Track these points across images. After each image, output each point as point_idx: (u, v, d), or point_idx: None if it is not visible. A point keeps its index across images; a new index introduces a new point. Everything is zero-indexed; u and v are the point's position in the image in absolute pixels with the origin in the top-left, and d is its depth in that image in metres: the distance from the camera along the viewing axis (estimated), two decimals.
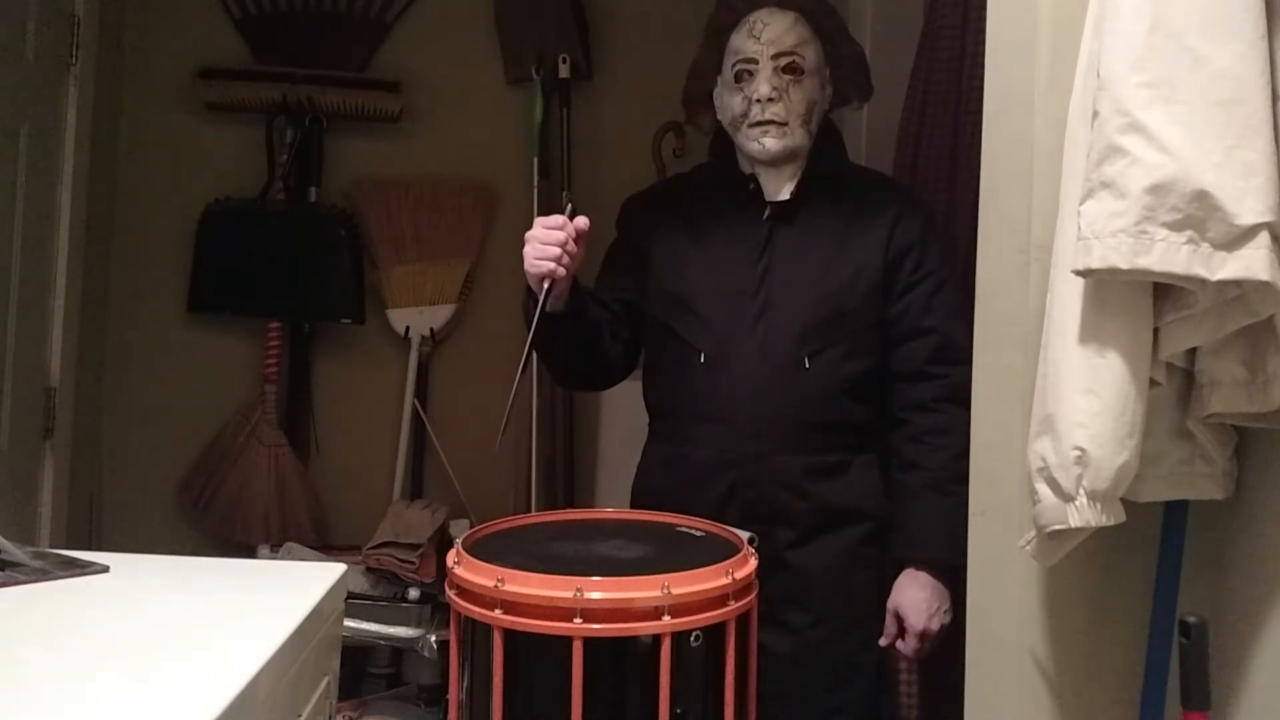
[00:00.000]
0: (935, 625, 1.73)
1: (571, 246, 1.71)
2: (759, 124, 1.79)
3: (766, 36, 1.80)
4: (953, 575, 1.69)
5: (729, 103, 1.83)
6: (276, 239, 2.89)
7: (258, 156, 2.94)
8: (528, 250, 1.71)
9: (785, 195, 1.82)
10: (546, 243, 1.69)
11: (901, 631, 1.75)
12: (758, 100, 1.78)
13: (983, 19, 1.50)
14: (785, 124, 1.79)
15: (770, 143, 1.79)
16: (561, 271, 1.69)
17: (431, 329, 2.99)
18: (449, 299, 2.99)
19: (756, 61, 1.79)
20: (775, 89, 1.78)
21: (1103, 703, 1.33)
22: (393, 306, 2.98)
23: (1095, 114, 1.12)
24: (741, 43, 1.82)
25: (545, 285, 1.68)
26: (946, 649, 1.72)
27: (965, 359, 1.63)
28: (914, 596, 1.73)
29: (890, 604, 1.76)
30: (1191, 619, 1.12)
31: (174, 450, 2.95)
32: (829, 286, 1.78)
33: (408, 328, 2.98)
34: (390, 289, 2.98)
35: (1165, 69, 1.08)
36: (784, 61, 1.79)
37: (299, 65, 2.94)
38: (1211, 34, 1.07)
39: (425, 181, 3.00)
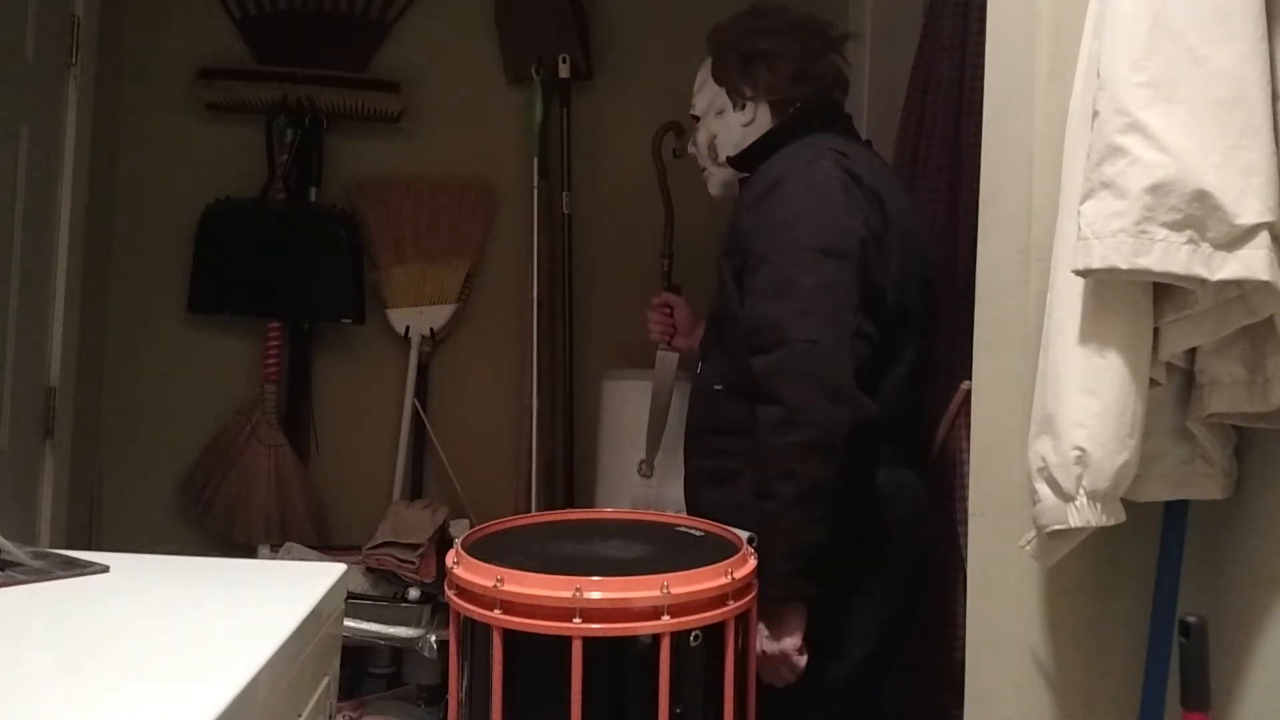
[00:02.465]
0: (757, 647, 1.55)
1: (656, 316, 2.27)
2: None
3: None
4: (776, 602, 1.55)
5: None
6: (276, 239, 2.89)
7: (258, 156, 2.94)
8: None
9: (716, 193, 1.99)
10: (649, 319, 2.29)
11: None
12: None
13: (983, 19, 1.50)
14: (704, 169, 1.97)
15: (709, 188, 1.98)
16: (654, 336, 2.28)
17: (431, 329, 2.98)
18: (449, 299, 2.99)
19: None
20: (692, 142, 2.00)
21: (1103, 703, 1.33)
22: (393, 306, 2.98)
23: (1095, 114, 1.12)
24: None
25: (659, 345, 2.29)
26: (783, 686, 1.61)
27: (770, 344, 1.57)
28: None
29: None
30: (1191, 619, 1.12)
31: (174, 450, 2.94)
32: (717, 291, 1.83)
33: (408, 328, 2.98)
34: (390, 289, 2.97)
35: (1165, 69, 1.08)
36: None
37: (299, 65, 2.94)
38: (1211, 34, 1.08)
39: (425, 181, 3.00)
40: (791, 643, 1.59)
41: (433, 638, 2.58)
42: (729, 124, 1.89)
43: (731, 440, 1.71)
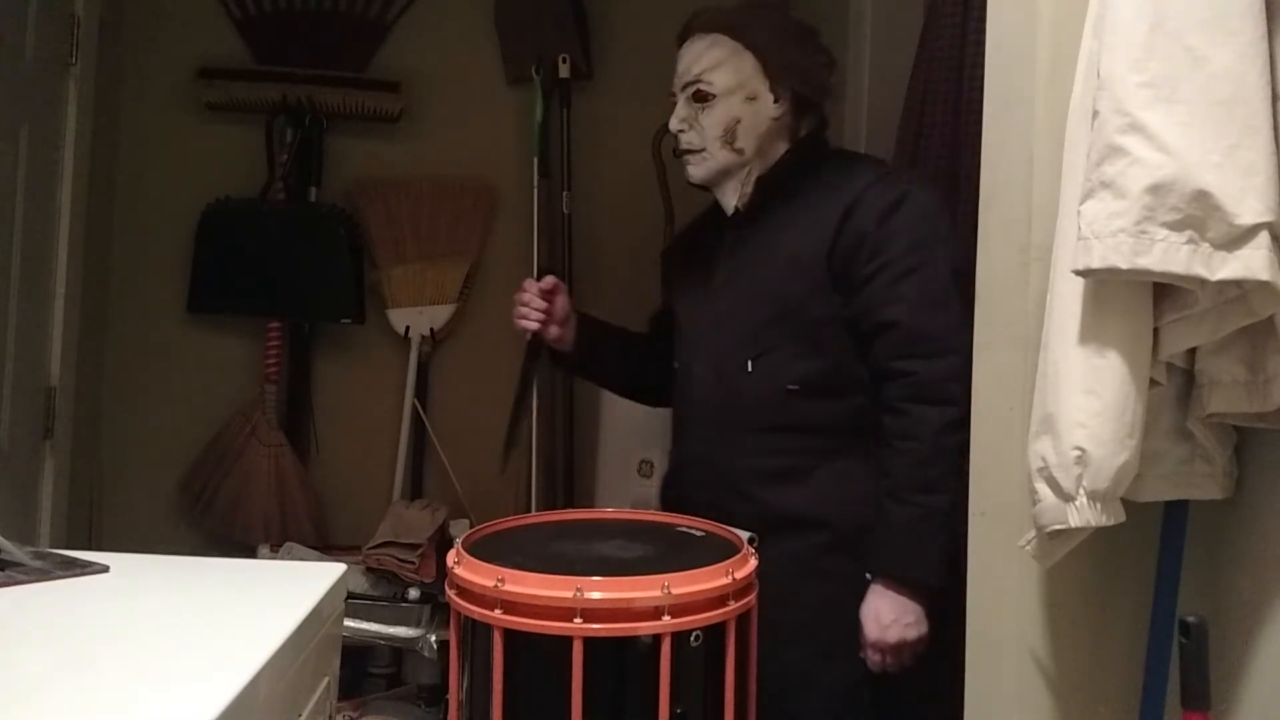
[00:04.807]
0: (891, 637, 1.66)
1: (538, 303, 1.94)
2: (683, 152, 1.88)
3: (680, 68, 1.86)
4: (926, 589, 1.67)
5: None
6: (276, 239, 2.89)
7: (258, 156, 2.94)
8: (513, 312, 1.98)
9: (732, 209, 1.88)
10: (521, 304, 1.96)
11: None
12: (673, 132, 1.87)
13: (983, 19, 1.50)
14: (701, 150, 1.85)
15: (692, 170, 1.88)
16: (534, 326, 1.95)
17: (431, 329, 2.99)
18: (449, 299, 2.99)
19: (675, 94, 1.87)
20: (684, 120, 1.85)
21: (1103, 703, 1.33)
22: (393, 306, 2.98)
23: (1095, 114, 1.12)
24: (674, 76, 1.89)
25: (527, 337, 1.98)
26: (919, 668, 1.69)
27: (939, 351, 1.67)
28: (871, 606, 1.68)
29: (860, 612, 1.70)
30: (1191, 619, 1.12)
31: (174, 450, 2.94)
32: (771, 289, 1.79)
33: (408, 328, 2.98)
34: (390, 289, 2.97)
35: (1165, 69, 1.08)
36: (691, 90, 1.84)
37: (299, 65, 2.94)
38: (1211, 34, 1.07)
39: (425, 181, 3.00)
40: (925, 630, 1.68)
41: (433, 638, 2.58)
42: (760, 112, 1.82)
43: (806, 439, 1.76)
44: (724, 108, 1.82)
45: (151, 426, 2.95)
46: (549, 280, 1.94)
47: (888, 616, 1.66)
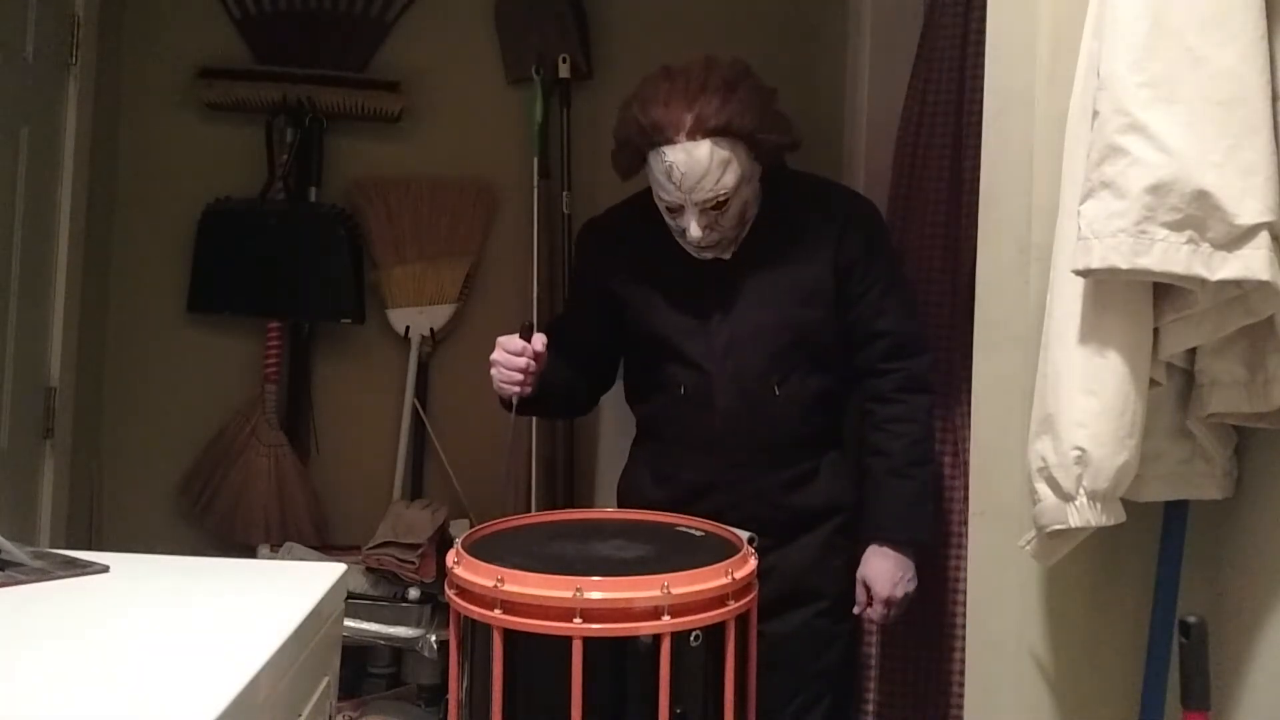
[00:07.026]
0: (899, 593, 1.87)
1: (532, 366, 1.81)
2: (703, 248, 1.87)
3: (687, 185, 1.77)
4: (916, 547, 1.90)
5: (663, 214, 1.87)
6: (276, 239, 2.88)
7: (258, 156, 2.93)
8: (494, 373, 1.85)
9: (729, 256, 1.90)
10: (510, 368, 1.82)
11: (870, 600, 1.89)
12: (691, 238, 1.83)
13: (983, 19, 1.50)
14: (720, 240, 1.86)
15: (707, 254, 1.89)
16: (527, 390, 1.83)
17: (431, 329, 2.98)
18: (449, 299, 2.99)
19: (683, 206, 1.81)
20: (706, 227, 1.82)
21: (1103, 702, 1.33)
22: (393, 306, 2.98)
23: (1095, 114, 1.13)
24: (662, 181, 1.80)
25: (514, 400, 1.83)
26: (909, 616, 1.93)
27: (920, 350, 1.94)
28: (879, 568, 1.88)
29: (859, 575, 1.90)
30: (1191, 619, 1.12)
31: (174, 450, 2.94)
32: (785, 316, 1.89)
33: (408, 328, 2.98)
34: (390, 289, 2.97)
35: (1165, 69, 1.08)
36: (710, 204, 1.79)
37: (299, 65, 2.93)
38: (1211, 34, 1.08)
39: (425, 181, 2.99)
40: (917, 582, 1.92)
41: (433, 638, 2.58)
42: (755, 182, 1.86)
43: (814, 446, 1.95)
44: (738, 201, 1.82)
45: (151, 426, 2.94)
46: (542, 340, 1.82)
47: (897, 574, 1.87)
